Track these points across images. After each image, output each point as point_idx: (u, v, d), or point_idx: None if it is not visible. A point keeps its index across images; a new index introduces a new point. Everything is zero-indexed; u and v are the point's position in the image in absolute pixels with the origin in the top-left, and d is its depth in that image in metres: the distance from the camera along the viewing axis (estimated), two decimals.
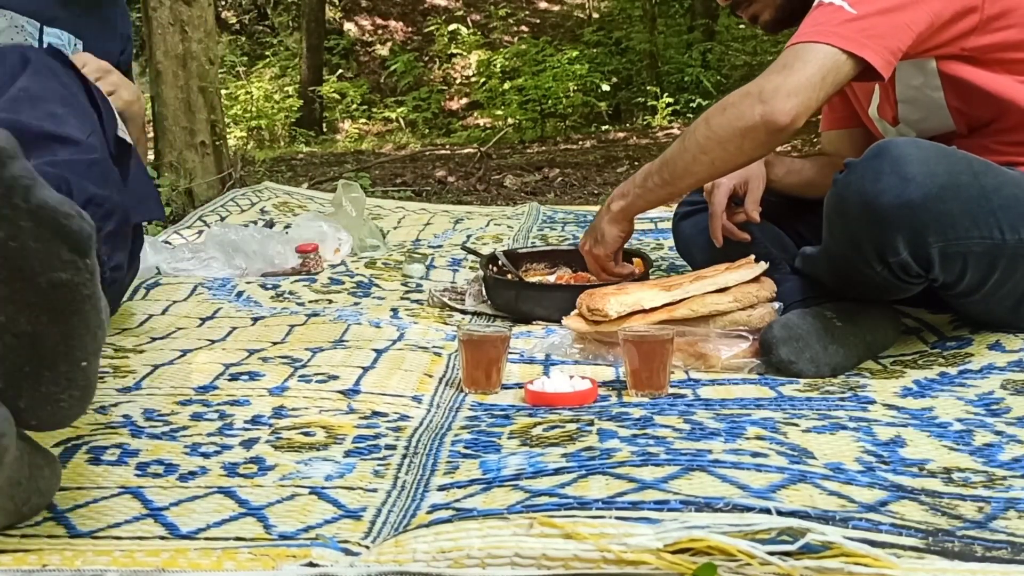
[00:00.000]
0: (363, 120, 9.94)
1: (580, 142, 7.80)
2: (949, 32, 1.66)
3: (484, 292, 2.20)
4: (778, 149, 2.15)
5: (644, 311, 1.73)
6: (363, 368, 1.67)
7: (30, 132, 1.35)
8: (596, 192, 5.44)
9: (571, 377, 1.56)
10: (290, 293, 2.36)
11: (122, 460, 1.25)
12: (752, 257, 1.82)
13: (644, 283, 1.89)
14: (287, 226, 2.90)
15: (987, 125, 1.77)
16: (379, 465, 1.25)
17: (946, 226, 1.56)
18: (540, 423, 1.40)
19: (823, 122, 2.16)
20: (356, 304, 2.25)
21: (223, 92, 6.28)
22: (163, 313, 2.11)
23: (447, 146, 7.87)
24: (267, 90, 9.74)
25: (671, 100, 8.69)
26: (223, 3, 10.97)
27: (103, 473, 1.21)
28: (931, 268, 1.60)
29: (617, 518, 0.99)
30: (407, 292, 2.38)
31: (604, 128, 8.57)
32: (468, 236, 3.13)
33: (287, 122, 9.37)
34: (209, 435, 1.35)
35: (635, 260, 2.19)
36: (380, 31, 11.26)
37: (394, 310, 2.17)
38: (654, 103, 8.66)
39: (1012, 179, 1.65)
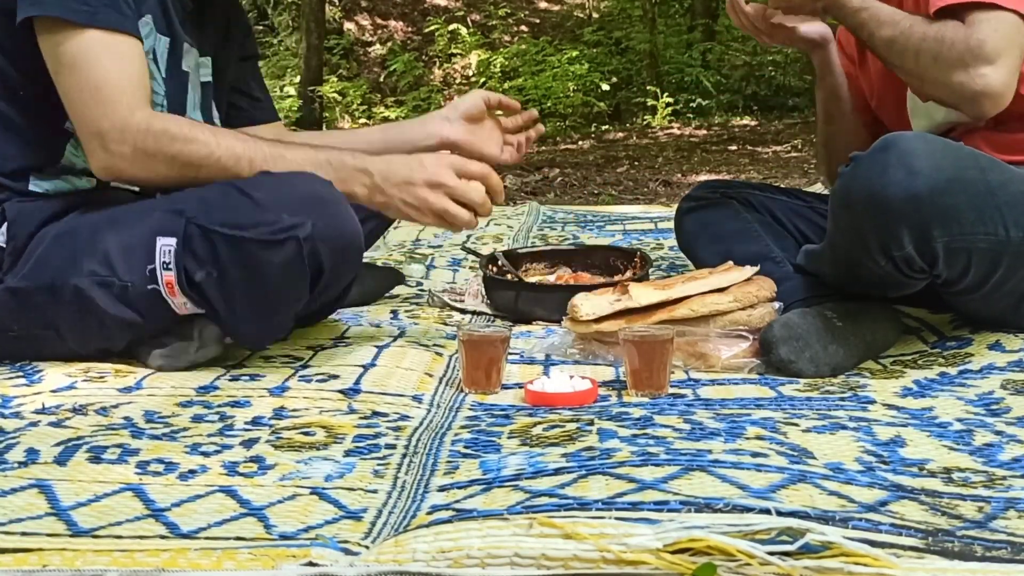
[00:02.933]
0: (363, 120, 9.94)
1: (580, 142, 7.80)
2: None
3: (484, 292, 2.20)
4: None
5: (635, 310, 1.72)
6: (363, 367, 1.67)
7: None
8: (596, 192, 5.44)
9: (571, 377, 1.56)
10: None
11: (122, 459, 1.25)
12: (730, 263, 1.82)
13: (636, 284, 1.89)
14: None
15: (1014, 120, 1.77)
16: (379, 465, 1.25)
17: (951, 221, 1.56)
18: (540, 423, 1.40)
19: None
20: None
21: None
22: None
23: None
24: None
25: (671, 100, 8.70)
26: None
27: (103, 471, 1.21)
28: (935, 263, 1.60)
29: (617, 518, 0.99)
30: (407, 294, 2.38)
31: (604, 128, 8.58)
32: (468, 236, 3.12)
33: (287, 122, 9.35)
34: (209, 436, 1.35)
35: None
36: (380, 31, 11.26)
37: (394, 312, 2.17)
38: (654, 103, 8.67)
39: (1018, 176, 1.65)
